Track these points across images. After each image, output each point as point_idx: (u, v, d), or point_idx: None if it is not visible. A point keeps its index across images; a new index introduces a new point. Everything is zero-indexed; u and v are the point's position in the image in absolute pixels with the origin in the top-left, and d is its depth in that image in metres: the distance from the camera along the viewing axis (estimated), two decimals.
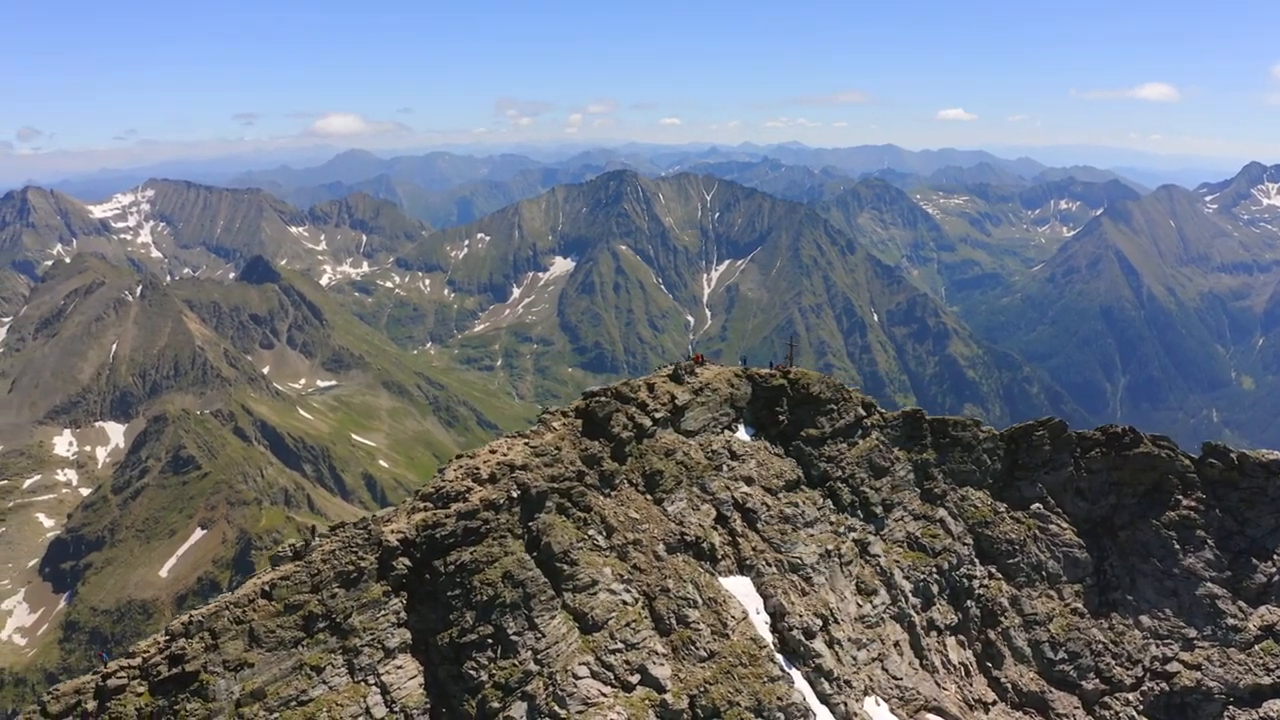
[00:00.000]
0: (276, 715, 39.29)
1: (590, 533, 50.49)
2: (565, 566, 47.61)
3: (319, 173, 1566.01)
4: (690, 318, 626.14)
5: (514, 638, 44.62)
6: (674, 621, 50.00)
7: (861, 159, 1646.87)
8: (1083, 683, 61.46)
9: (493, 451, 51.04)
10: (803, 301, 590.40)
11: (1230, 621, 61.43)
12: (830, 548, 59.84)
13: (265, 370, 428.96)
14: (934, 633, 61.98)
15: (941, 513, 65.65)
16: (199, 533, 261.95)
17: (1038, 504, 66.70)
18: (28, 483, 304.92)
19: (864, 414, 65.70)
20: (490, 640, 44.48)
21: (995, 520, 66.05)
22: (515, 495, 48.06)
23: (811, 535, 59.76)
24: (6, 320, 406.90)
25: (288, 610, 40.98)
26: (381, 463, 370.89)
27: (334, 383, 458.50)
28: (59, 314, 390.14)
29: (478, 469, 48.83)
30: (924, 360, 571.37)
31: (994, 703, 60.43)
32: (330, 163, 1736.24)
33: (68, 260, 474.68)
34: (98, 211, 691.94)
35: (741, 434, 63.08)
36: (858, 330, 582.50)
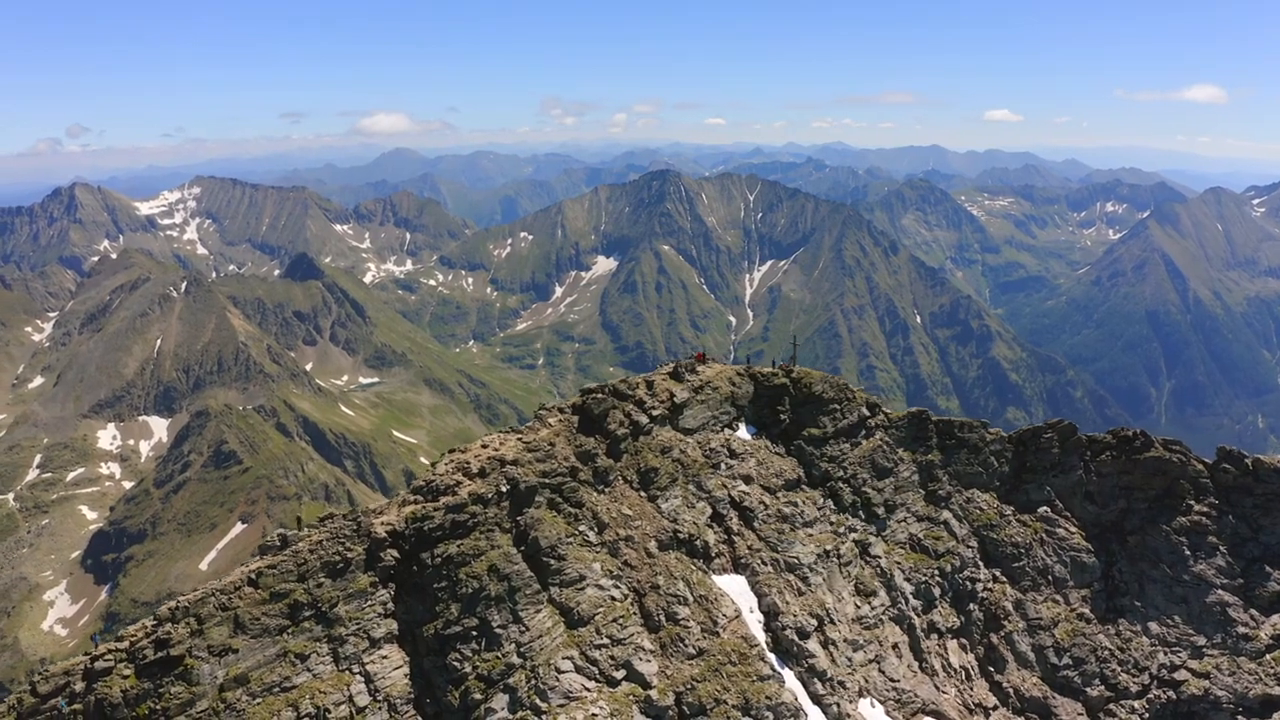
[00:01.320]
0: (260, 701, 40.03)
1: (581, 528, 50.78)
2: (552, 561, 47.94)
3: (364, 171, 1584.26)
4: (732, 318, 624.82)
5: (498, 630, 45.04)
6: (663, 618, 50.12)
7: (906, 160, 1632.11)
8: (1087, 689, 60.54)
9: (484, 446, 51.53)
10: (845, 303, 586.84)
11: (1241, 630, 60.18)
12: (829, 548, 59.53)
13: (308, 366, 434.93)
14: (934, 636, 61.41)
15: (946, 515, 65.02)
16: (239, 527, 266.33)
17: (1045, 507, 65.84)
18: (71, 475, 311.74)
19: (868, 414, 65.27)
20: (475, 632, 44.95)
21: (1001, 523, 65.28)
22: (504, 490, 48.50)
23: (810, 535, 59.51)
24: (53, 315, 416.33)
25: (273, 598, 41.72)
26: (422, 459, 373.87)
27: (376, 379, 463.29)
28: (104, 309, 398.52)
29: (468, 463, 49.31)
30: (967, 363, 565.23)
31: (995, 708, 59.73)
32: (375, 161, 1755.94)
33: (114, 256, 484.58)
34: (144, 208, 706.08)
35: (742, 433, 62.96)
36: (900, 332, 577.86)
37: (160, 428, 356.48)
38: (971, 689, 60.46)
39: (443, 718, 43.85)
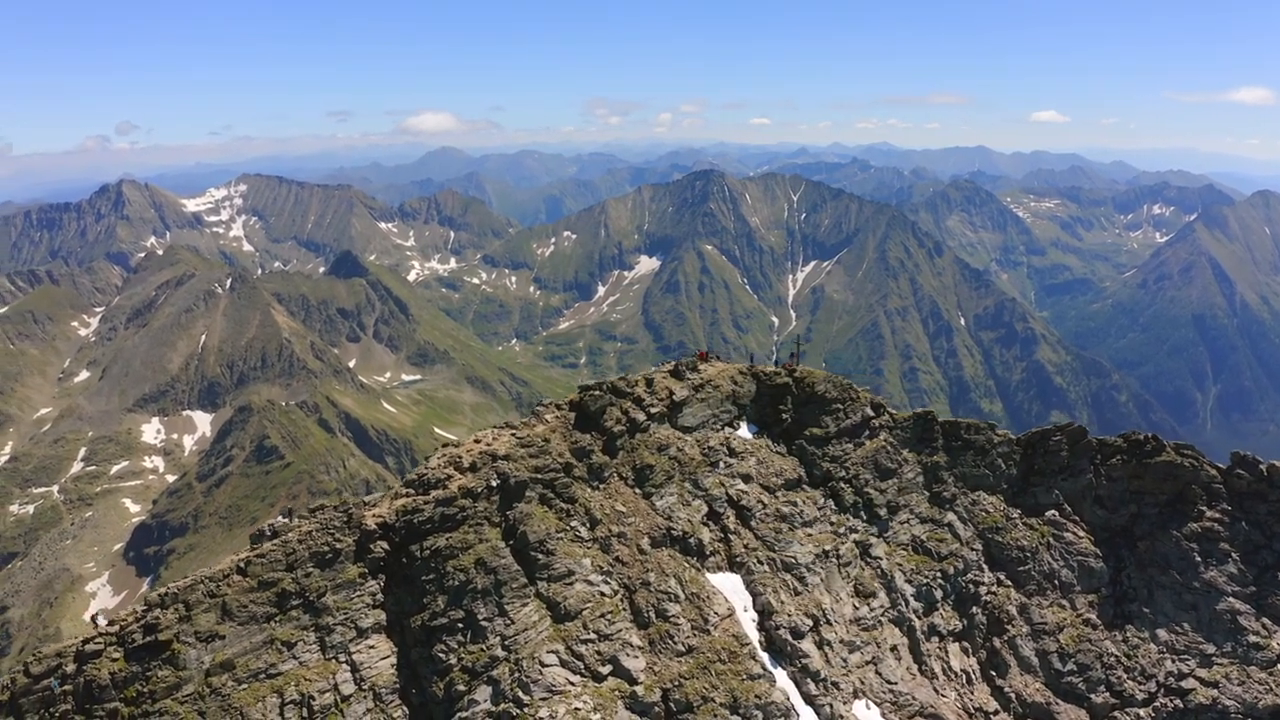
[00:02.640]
0: (245, 687, 40.86)
1: (573, 524, 51.06)
2: (540, 556, 48.29)
3: (410, 170, 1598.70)
4: (775, 318, 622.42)
5: (483, 623, 45.49)
6: (653, 615, 50.22)
7: (952, 161, 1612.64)
8: (1092, 696, 59.61)
9: (477, 441, 52.07)
10: (889, 304, 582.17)
11: (1252, 639, 59.01)
12: (828, 548, 59.19)
13: (351, 363, 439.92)
14: (935, 638, 60.80)
15: (950, 517, 64.36)
16: None
17: (1053, 511, 64.90)
18: (115, 468, 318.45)
19: (872, 414, 64.74)
20: (460, 625, 45.44)
21: (1007, 526, 64.47)
22: (494, 484, 48.91)
23: (809, 535, 59.23)
24: (99, 310, 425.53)
25: (261, 586, 42.54)
26: None
27: (418, 377, 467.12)
28: (150, 305, 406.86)
29: (460, 458, 49.86)
30: (1011, 366, 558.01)
31: (996, 712, 59.01)
32: (421, 160, 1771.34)
33: (160, 253, 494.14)
34: (191, 205, 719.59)
35: (743, 431, 62.80)
36: (944, 334, 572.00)
37: (204, 422, 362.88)
38: (972, 693, 59.81)
39: (428, 708, 44.43)
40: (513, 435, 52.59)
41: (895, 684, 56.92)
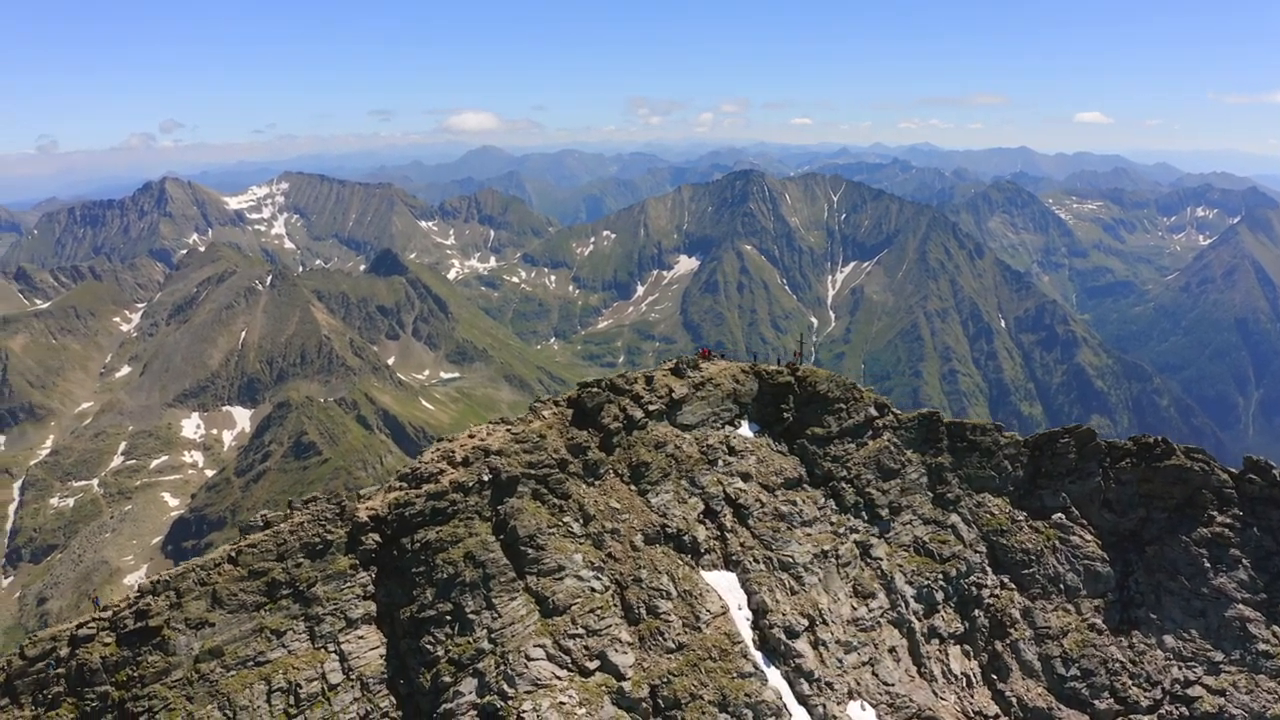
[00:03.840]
0: (233, 673, 41.68)
1: (566, 520, 51.37)
2: (530, 550, 48.65)
3: (451, 169, 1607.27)
4: (814, 319, 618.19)
5: (471, 616, 45.96)
6: (644, 611, 50.39)
7: (994, 161, 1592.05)
8: (1095, 702, 58.74)
9: (471, 436, 52.56)
10: (928, 305, 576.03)
11: (1261, 646, 57.81)
12: (827, 548, 58.94)
13: (390, 361, 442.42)
14: (935, 641, 60.30)
15: (954, 518, 63.77)
16: None
17: (1060, 514, 64.04)
18: (155, 463, 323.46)
19: (876, 414, 64.32)
20: (449, 617, 45.95)
21: (1012, 529, 63.75)
22: (486, 479, 49.34)
23: (808, 534, 59.03)
24: (141, 306, 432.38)
25: (251, 575, 43.33)
26: None
27: (457, 374, 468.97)
28: (191, 301, 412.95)
29: (453, 452, 50.41)
30: (1051, 369, 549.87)
31: (996, 716, 58.36)
32: (462, 159, 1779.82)
33: (202, 250, 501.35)
34: (233, 203, 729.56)
35: (745, 430, 62.74)
36: (984, 336, 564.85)
37: (243, 418, 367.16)
38: (972, 696, 59.26)
39: (416, 699, 45.00)
40: (508, 431, 53.01)
41: (892, 685, 56.58)
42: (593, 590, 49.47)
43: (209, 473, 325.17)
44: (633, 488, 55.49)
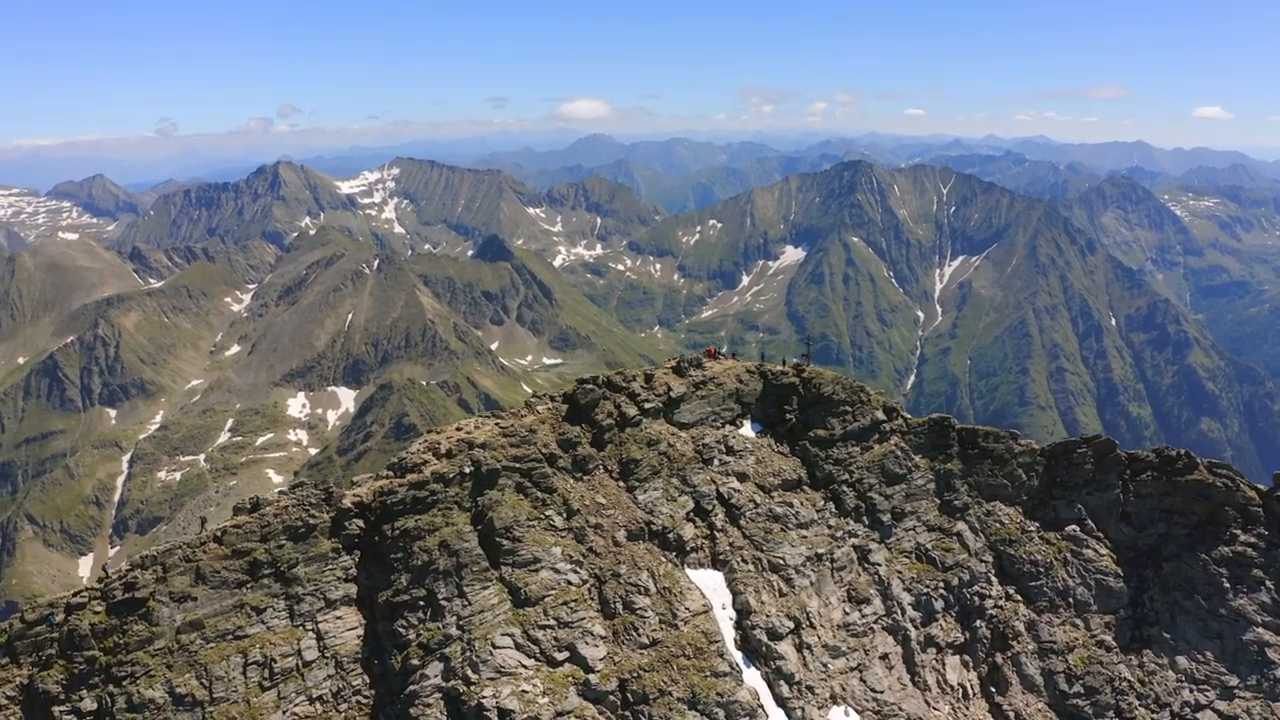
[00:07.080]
0: (212, 645, 44.42)
1: (549, 513, 52.64)
2: (506, 542, 50.08)
3: (560, 156, 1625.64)
4: (920, 313, 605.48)
5: (442, 603, 47.73)
6: (620, 606, 51.31)
7: (1109, 156, 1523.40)
8: None
9: (458, 429, 54.26)
10: (1037, 301, 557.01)
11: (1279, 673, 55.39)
12: (822, 551, 58.69)
13: (493, 346, 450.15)
14: (932, 650, 59.37)
15: (960, 526, 62.56)
16: None
17: (1074, 526, 62.12)
18: (260, 440, 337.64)
19: (883, 418, 63.52)
20: (421, 603, 47.83)
21: (1021, 539, 62.16)
22: (468, 471, 51.00)
23: (803, 537, 58.89)
24: (252, 287, 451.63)
25: (235, 555, 46.00)
26: None
27: (559, 361, 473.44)
28: (300, 283, 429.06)
29: (439, 444, 52.24)
30: (1161, 369, 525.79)
31: None
32: (572, 146, 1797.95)
33: (313, 233, 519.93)
34: (345, 187, 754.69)
35: (746, 430, 62.86)
36: (1094, 334, 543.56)
37: (347, 398, 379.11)
38: (968, 708, 58.27)
39: (387, 679, 47.03)
40: (496, 424, 54.57)
41: (881, 693, 56.11)
42: (569, 583, 50.64)
43: (312, 451, 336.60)
44: (621, 484, 56.40)
